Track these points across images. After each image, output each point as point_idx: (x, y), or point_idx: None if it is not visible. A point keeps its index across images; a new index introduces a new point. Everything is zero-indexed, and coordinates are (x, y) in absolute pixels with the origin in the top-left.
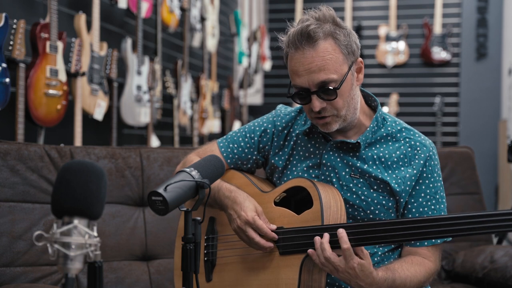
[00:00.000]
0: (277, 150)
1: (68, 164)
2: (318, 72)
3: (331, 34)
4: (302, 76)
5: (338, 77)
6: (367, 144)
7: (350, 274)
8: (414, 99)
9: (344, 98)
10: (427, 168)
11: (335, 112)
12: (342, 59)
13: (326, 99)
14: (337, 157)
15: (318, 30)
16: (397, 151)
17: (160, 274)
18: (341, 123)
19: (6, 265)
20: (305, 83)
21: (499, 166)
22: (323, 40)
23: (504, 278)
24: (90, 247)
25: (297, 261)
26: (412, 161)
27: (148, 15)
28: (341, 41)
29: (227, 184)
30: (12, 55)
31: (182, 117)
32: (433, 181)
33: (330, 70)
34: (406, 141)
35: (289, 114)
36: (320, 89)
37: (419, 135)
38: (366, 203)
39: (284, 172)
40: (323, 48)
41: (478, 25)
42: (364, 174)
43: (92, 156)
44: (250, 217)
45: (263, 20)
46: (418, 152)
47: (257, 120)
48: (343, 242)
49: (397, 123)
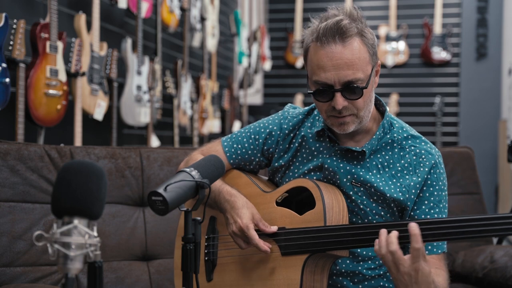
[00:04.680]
0: (282, 153)
1: (68, 164)
2: (346, 69)
3: (361, 32)
4: (328, 71)
5: (364, 77)
6: (372, 152)
7: (412, 277)
8: (414, 99)
9: (365, 99)
10: (431, 175)
11: (355, 111)
12: (369, 59)
13: (349, 98)
14: (340, 164)
15: (350, 27)
16: (402, 159)
17: (160, 274)
18: (357, 125)
19: (6, 265)
20: (331, 80)
21: (499, 166)
22: (354, 38)
23: (504, 278)
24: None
25: (299, 262)
26: (417, 169)
27: (148, 15)
28: (368, 40)
29: (228, 188)
30: (12, 55)
31: (182, 117)
32: (437, 189)
33: (358, 68)
34: (411, 149)
35: (297, 117)
36: (345, 87)
37: (426, 143)
38: (364, 212)
39: (286, 173)
40: (353, 46)
41: (478, 25)
42: (366, 184)
43: (92, 156)
44: (244, 225)
45: (263, 20)
46: (423, 160)
47: (264, 120)
48: (415, 241)
49: (404, 129)
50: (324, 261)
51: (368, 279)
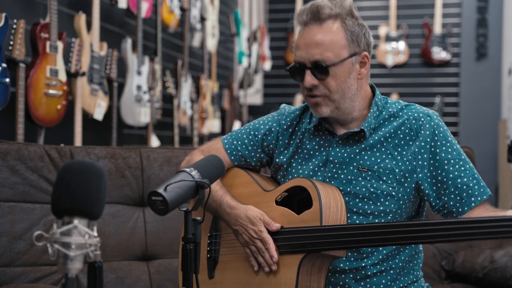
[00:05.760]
0: (282, 148)
1: (68, 164)
2: (315, 47)
3: (340, 16)
4: (301, 49)
5: (334, 58)
6: (372, 130)
7: None
8: (414, 99)
9: (338, 81)
10: (438, 135)
11: (327, 92)
12: (344, 44)
13: (318, 78)
14: (344, 152)
15: (327, 10)
16: (402, 126)
17: (160, 274)
18: (333, 109)
19: (6, 265)
20: (303, 58)
21: (499, 166)
22: (330, 20)
23: (504, 278)
24: (90, 247)
25: (295, 261)
26: (419, 133)
27: (148, 15)
28: (348, 26)
29: (229, 199)
30: (12, 55)
31: (182, 117)
32: (450, 145)
33: (327, 49)
34: (408, 115)
35: (294, 113)
36: (314, 66)
37: (421, 107)
38: (376, 195)
39: (289, 170)
40: (327, 27)
41: (478, 25)
42: (373, 166)
43: (92, 156)
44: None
45: (263, 20)
46: (423, 122)
47: (262, 118)
48: None
49: (398, 103)
50: (321, 261)
51: (370, 276)
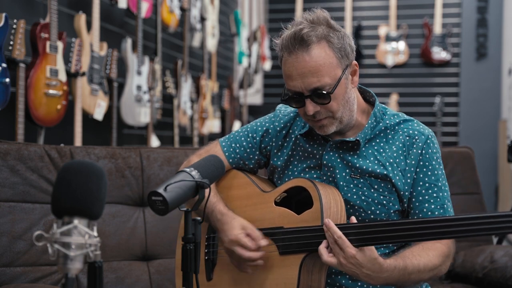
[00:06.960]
0: (276, 150)
1: (68, 164)
2: (311, 76)
3: (324, 37)
4: (295, 80)
5: (332, 81)
6: (366, 141)
7: (353, 264)
8: (414, 99)
9: (339, 101)
10: (423, 156)
11: (330, 114)
12: (336, 63)
13: (319, 103)
14: (337, 158)
15: (311, 34)
16: (397, 141)
17: (160, 274)
18: (337, 125)
19: (6, 265)
20: (299, 87)
21: (499, 166)
22: (316, 44)
23: (504, 278)
24: (90, 247)
25: (297, 261)
26: (410, 150)
27: (148, 15)
28: (334, 44)
29: (221, 206)
30: (12, 55)
31: (182, 117)
32: (431, 169)
33: (323, 74)
34: (404, 131)
35: (288, 115)
36: (313, 93)
37: (418, 125)
38: (367, 203)
39: (285, 172)
40: (316, 53)
41: (478, 25)
42: (364, 174)
43: (92, 156)
44: (234, 236)
45: (263, 20)
46: (416, 141)
47: (259, 120)
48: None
49: (396, 116)
50: (321, 261)
51: None
